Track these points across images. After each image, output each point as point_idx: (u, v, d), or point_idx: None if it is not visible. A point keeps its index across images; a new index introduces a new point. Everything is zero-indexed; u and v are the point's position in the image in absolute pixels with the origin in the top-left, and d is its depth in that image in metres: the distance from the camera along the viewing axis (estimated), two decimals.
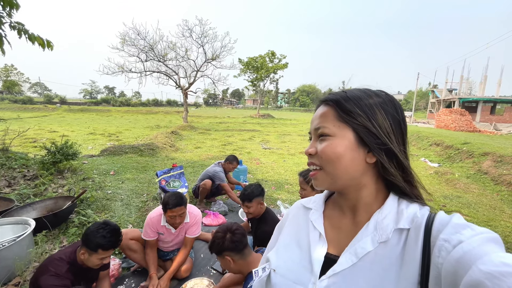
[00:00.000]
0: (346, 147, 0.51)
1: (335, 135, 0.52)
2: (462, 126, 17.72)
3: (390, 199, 0.53)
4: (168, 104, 58.38)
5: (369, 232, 0.51)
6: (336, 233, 0.57)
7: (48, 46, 3.55)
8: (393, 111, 0.53)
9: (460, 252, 0.38)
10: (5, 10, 3.33)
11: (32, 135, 10.22)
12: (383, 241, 0.49)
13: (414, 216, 0.49)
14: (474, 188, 5.32)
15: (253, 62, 29.51)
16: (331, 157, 0.51)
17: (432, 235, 0.44)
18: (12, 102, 35.11)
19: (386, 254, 0.48)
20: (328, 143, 0.52)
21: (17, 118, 16.28)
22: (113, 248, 1.68)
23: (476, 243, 0.38)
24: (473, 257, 0.37)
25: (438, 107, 26.59)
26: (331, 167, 0.52)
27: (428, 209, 0.51)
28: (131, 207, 3.51)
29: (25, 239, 2.10)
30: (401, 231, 0.49)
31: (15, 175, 3.94)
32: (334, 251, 0.54)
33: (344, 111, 0.52)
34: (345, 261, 0.50)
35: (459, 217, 0.45)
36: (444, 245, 0.42)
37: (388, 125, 0.51)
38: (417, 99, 42.58)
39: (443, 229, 0.44)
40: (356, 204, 0.55)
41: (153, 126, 16.30)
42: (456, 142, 9.06)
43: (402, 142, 0.53)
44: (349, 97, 0.53)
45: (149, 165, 5.76)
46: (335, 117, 0.53)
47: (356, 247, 0.50)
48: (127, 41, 15.31)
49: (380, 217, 0.51)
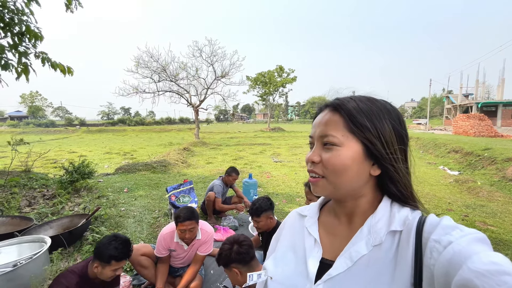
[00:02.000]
0: (353, 159, 0.50)
1: (343, 145, 0.51)
2: (483, 132, 16.96)
3: (383, 203, 0.53)
4: (180, 121, 59.98)
5: (363, 236, 0.51)
6: (331, 239, 0.58)
7: (68, 72, 3.82)
8: (398, 124, 0.53)
9: (451, 252, 0.39)
10: (31, 42, 3.65)
11: (53, 156, 10.73)
12: (377, 244, 0.49)
13: (405, 219, 0.49)
14: (499, 196, 5.00)
15: (261, 77, 30.07)
16: (338, 168, 0.50)
17: (423, 236, 0.45)
18: (36, 126, 37.30)
19: (380, 257, 0.49)
20: (336, 154, 0.51)
21: (40, 141, 17.20)
22: (126, 259, 1.73)
23: (465, 243, 0.39)
24: (463, 257, 0.37)
25: (454, 113, 25.73)
26: (335, 177, 0.51)
27: (420, 212, 0.51)
28: (143, 223, 3.55)
29: (41, 257, 2.15)
30: (394, 234, 0.50)
31: (35, 195, 4.12)
32: (329, 256, 0.55)
33: (355, 123, 0.50)
34: (340, 265, 0.51)
35: (448, 219, 0.46)
36: (435, 246, 0.42)
37: (394, 139, 0.51)
38: (432, 105, 41.49)
39: (433, 231, 0.44)
40: (353, 211, 0.56)
41: (166, 143, 16.71)
42: (476, 148, 8.66)
43: (405, 155, 0.54)
44: (361, 109, 0.51)
45: (161, 182, 5.86)
46: (345, 127, 0.51)
47: (351, 251, 0.51)
48: (141, 64, 16.13)
49: (373, 221, 0.52)
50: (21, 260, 2.03)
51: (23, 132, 28.62)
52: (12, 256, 2.19)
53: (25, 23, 3.54)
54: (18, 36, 3.50)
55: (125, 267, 2.53)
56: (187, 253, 2.26)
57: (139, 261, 2.17)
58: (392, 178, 0.52)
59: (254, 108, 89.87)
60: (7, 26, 3.40)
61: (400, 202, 0.53)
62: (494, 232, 3.42)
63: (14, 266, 1.95)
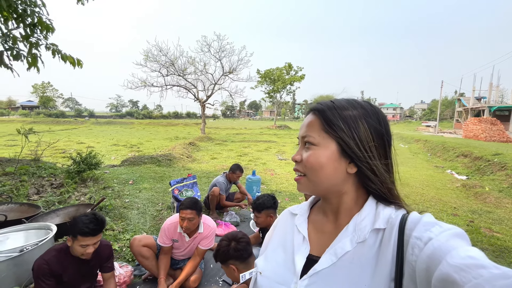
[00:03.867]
0: (328, 158, 0.53)
1: (319, 145, 0.54)
2: (494, 136, 16.54)
3: (369, 202, 0.55)
4: (187, 116, 60.34)
5: (349, 233, 0.54)
6: (319, 236, 0.60)
7: (78, 65, 3.88)
8: (376, 123, 0.54)
9: (431, 248, 0.41)
10: (42, 33, 3.71)
11: (62, 146, 10.96)
12: (360, 241, 0.52)
13: (389, 217, 0.51)
14: (507, 203, 4.89)
15: (270, 74, 29.95)
16: (314, 166, 0.54)
17: (405, 233, 0.47)
18: (47, 116, 38.10)
19: (363, 253, 0.51)
20: (312, 152, 0.55)
21: (49, 131, 17.60)
22: (92, 236, 1.67)
23: (444, 239, 0.41)
24: (443, 252, 0.39)
25: (465, 116, 25.17)
26: (313, 175, 0.55)
27: (403, 210, 0.53)
28: (146, 215, 3.61)
29: (46, 244, 2.22)
30: (377, 232, 0.52)
31: (43, 183, 4.22)
32: (316, 253, 0.57)
33: (328, 124, 0.54)
34: (326, 261, 0.53)
35: (429, 216, 0.48)
36: (416, 242, 0.44)
37: (370, 138, 0.53)
38: (442, 108, 40.63)
39: (415, 228, 0.46)
40: (338, 208, 0.58)
41: (172, 137, 16.87)
42: (486, 153, 8.46)
43: (384, 154, 0.55)
44: (335, 109, 0.55)
45: (165, 175, 5.92)
46: (320, 128, 0.55)
47: (336, 248, 0.53)
48: (149, 58, 16.26)
49: (359, 219, 0.54)
50: (27, 246, 2.10)
51: (33, 122, 29.30)
52: (19, 242, 2.26)
53: (37, 14, 3.60)
54: (30, 27, 3.56)
55: (127, 257, 2.59)
56: (188, 245, 2.29)
57: (140, 252, 2.21)
58: (367, 176, 0.53)
59: (261, 105, 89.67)
60: (20, 17, 3.46)
61: (385, 202, 0.54)
62: (500, 239, 3.34)
63: (20, 252, 2.02)
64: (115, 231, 3.05)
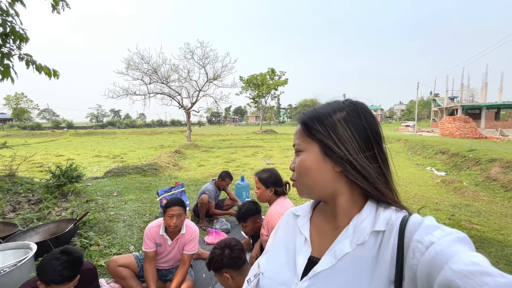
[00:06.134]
0: (313, 160, 0.55)
1: (305, 150, 0.57)
2: (467, 133, 17.52)
3: (368, 204, 0.55)
4: (172, 124, 59.31)
5: (348, 235, 0.54)
6: (319, 238, 0.60)
7: (54, 75, 3.72)
8: (357, 119, 0.54)
9: (433, 253, 0.40)
10: (15, 43, 3.55)
11: (39, 160, 10.41)
12: (360, 243, 0.51)
13: (389, 219, 0.51)
14: (483, 196, 5.17)
15: (253, 79, 30.18)
16: (302, 170, 0.57)
17: (406, 236, 0.46)
18: (21, 129, 36.10)
19: (363, 255, 0.51)
20: (300, 158, 0.57)
21: (25, 144, 16.68)
22: (68, 282, 1.49)
23: (446, 243, 0.40)
24: (445, 257, 0.38)
25: (441, 115, 26.48)
26: (302, 179, 0.58)
27: (404, 213, 0.52)
28: (133, 227, 3.48)
29: (26, 264, 2.08)
30: (377, 234, 0.51)
31: (20, 200, 3.98)
32: (317, 254, 0.57)
33: (308, 129, 0.57)
34: (325, 263, 0.53)
35: (431, 219, 0.47)
36: (417, 246, 0.43)
37: (349, 136, 0.53)
38: (419, 108, 42.57)
39: (416, 231, 0.45)
40: (336, 209, 0.58)
41: (157, 146, 16.49)
42: (462, 149, 8.93)
43: (371, 147, 0.54)
44: (314, 115, 0.57)
45: (152, 185, 5.77)
46: (303, 134, 0.58)
47: (335, 249, 0.53)
48: (131, 66, 15.91)
49: (358, 220, 0.54)
50: (4, 267, 1.96)
51: (6, 135, 27.64)
52: None
53: (10, 24, 3.45)
54: (2, 37, 3.40)
55: None
56: (171, 249, 2.26)
57: (115, 272, 2.19)
58: (350, 173, 0.53)
59: (246, 111, 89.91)
60: None
61: (385, 203, 0.54)
62: (479, 230, 3.53)
63: None
64: (101, 246, 2.92)
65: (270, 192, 2.10)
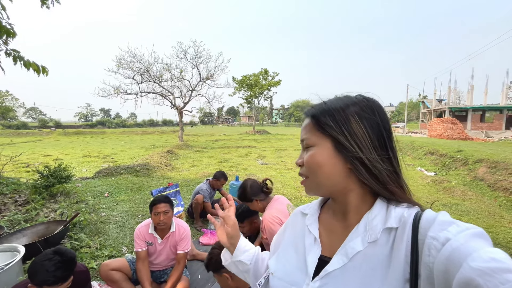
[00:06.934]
0: (326, 156, 0.53)
1: (316, 145, 0.55)
2: (455, 135, 18.03)
3: (379, 201, 0.53)
4: (164, 124, 58.60)
5: (360, 233, 0.52)
6: (329, 236, 0.59)
7: (43, 72, 3.60)
8: (371, 115, 0.53)
9: (449, 249, 0.39)
10: (1, 38, 3.42)
11: (25, 159, 10.07)
12: (372, 241, 0.50)
13: (401, 216, 0.49)
14: (471, 195, 5.32)
15: (246, 80, 30.16)
16: (313, 165, 0.55)
17: (420, 232, 0.45)
18: (6, 128, 34.89)
19: (375, 254, 0.49)
20: (310, 153, 0.55)
21: (10, 144, 16.10)
22: (61, 283, 1.45)
23: (463, 239, 0.39)
24: (463, 254, 0.37)
25: (429, 117, 27.17)
26: (314, 175, 0.55)
27: (416, 208, 0.51)
28: (126, 229, 3.41)
29: (14, 267, 2.00)
30: (389, 231, 0.50)
31: (6, 201, 3.83)
32: (328, 253, 0.56)
33: (320, 123, 0.55)
34: (337, 262, 0.52)
35: (444, 214, 0.46)
36: (432, 243, 0.42)
37: (363, 132, 0.52)
38: (409, 110, 43.58)
39: (430, 227, 0.44)
40: (346, 207, 0.56)
41: (148, 146, 16.24)
42: (450, 150, 9.17)
43: (384, 145, 0.53)
44: (325, 110, 0.55)
45: (144, 185, 5.67)
46: (314, 128, 0.56)
47: (346, 248, 0.52)
48: (122, 64, 15.62)
49: (369, 218, 0.52)
50: None
51: None
52: None
53: None
54: None
55: None
56: (162, 247, 2.23)
57: (107, 276, 2.14)
58: (358, 170, 0.51)
59: (239, 111, 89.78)
60: None
61: (396, 200, 0.52)
62: None
63: None
64: (92, 248, 2.84)
65: (257, 202, 2.10)
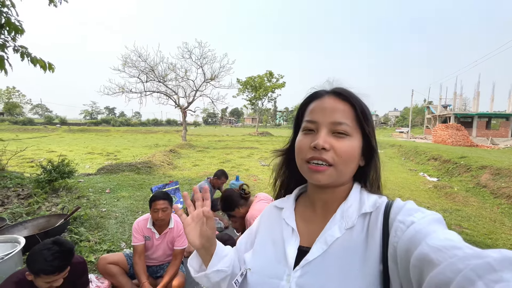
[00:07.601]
0: (358, 150, 0.55)
1: (352, 136, 0.54)
2: (459, 141, 17.85)
3: (354, 190, 0.58)
4: (167, 123, 58.96)
5: (337, 221, 0.55)
6: (307, 227, 0.60)
7: (49, 69, 3.67)
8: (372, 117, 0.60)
9: (413, 231, 0.43)
10: (10, 35, 3.49)
11: (30, 155, 10.21)
12: (349, 227, 0.53)
13: (375, 202, 0.55)
14: (473, 202, 5.27)
15: (251, 81, 30.26)
16: (349, 157, 0.53)
17: (390, 217, 0.50)
18: (12, 124, 35.43)
19: (352, 239, 0.52)
20: (349, 143, 0.53)
21: (16, 139, 16.34)
22: (58, 273, 1.45)
23: (425, 223, 0.44)
24: (423, 234, 0.42)
25: (434, 122, 26.94)
26: (345, 166, 0.53)
27: (386, 198, 0.56)
28: (125, 224, 3.44)
29: (13, 258, 2.04)
30: (364, 216, 0.54)
31: (9, 194, 3.90)
32: (306, 243, 0.57)
33: (364, 116, 0.55)
34: (317, 250, 0.53)
35: (412, 203, 0.51)
36: (399, 226, 0.47)
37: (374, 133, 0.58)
38: (413, 115, 43.24)
39: (399, 212, 0.49)
40: (331, 198, 0.59)
41: (151, 145, 16.35)
42: (454, 156, 9.09)
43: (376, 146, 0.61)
44: (364, 106, 0.56)
45: (145, 183, 5.72)
46: (354, 118, 0.54)
47: (325, 236, 0.54)
48: (128, 63, 15.81)
49: (345, 207, 0.56)
50: None
51: None
52: None
53: (5, 15, 3.40)
54: None
55: None
56: (159, 243, 2.25)
57: (105, 270, 2.16)
58: (372, 168, 0.58)
59: (242, 112, 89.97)
60: None
61: (367, 190, 0.58)
62: (468, 234, 3.59)
63: None
64: (91, 242, 2.88)
65: (240, 209, 2.13)
